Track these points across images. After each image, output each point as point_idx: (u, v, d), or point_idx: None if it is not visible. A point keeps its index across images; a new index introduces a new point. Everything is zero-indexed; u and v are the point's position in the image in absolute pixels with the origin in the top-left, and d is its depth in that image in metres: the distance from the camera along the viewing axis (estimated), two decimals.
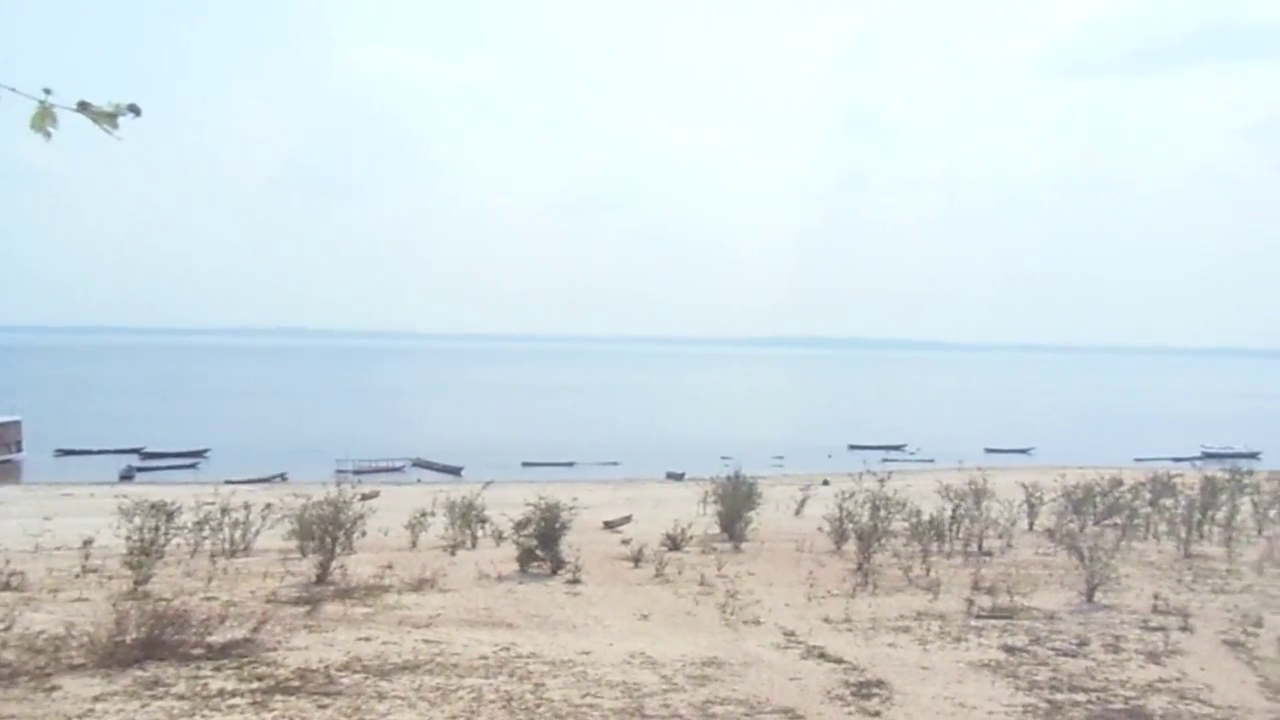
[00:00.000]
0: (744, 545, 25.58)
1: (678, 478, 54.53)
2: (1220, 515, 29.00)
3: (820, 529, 25.63)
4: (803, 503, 34.57)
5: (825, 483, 42.71)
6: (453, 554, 23.61)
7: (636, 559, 22.07)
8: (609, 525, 32.68)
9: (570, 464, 63.22)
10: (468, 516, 27.05)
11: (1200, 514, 28.38)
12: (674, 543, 24.74)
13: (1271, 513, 30.01)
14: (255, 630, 14.11)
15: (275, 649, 13.67)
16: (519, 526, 21.71)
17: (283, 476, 52.96)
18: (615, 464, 63.11)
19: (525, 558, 21.09)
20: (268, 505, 24.24)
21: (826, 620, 16.76)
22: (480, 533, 26.84)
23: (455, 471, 58.94)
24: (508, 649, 14.28)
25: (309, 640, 14.33)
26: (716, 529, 28.16)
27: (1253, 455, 63.18)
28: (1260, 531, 28.78)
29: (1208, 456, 64.16)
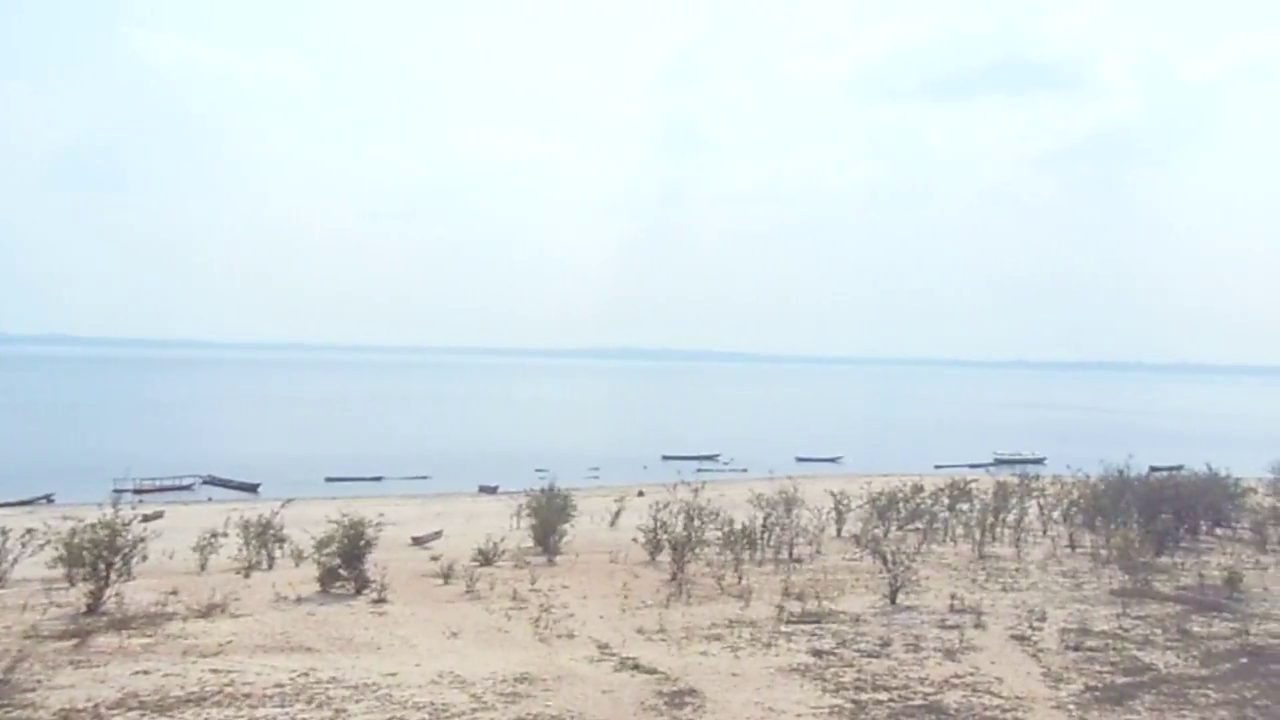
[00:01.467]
0: (558, 558, 25.58)
1: (491, 491, 53.94)
2: (1010, 518, 31.42)
3: (635, 540, 25.96)
4: (617, 514, 34.95)
5: (640, 494, 43.33)
6: (247, 576, 22.39)
7: (446, 575, 21.64)
8: (418, 541, 31.91)
9: (378, 479, 61.33)
10: (264, 536, 25.73)
11: (993, 517, 30.69)
12: (486, 558, 24.43)
13: (1055, 514, 32.72)
14: (9, 670, 12.87)
15: (34, 689, 12.53)
16: (320, 545, 20.85)
17: (49, 498, 48.65)
18: (425, 478, 61.73)
19: (327, 578, 20.27)
20: (29, 530, 22.17)
21: (640, 631, 16.97)
22: (278, 553, 25.59)
23: (251, 489, 56.09)
24: (306, 675, 13.66)
25: (76, 677, 13.21)
26: (530, 543, 28.02)
27: (1039, 461, 68.84)
28: (1045, 532, 31.36)
29: (1000, 463, 69.38)
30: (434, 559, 24.79)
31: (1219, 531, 31.92)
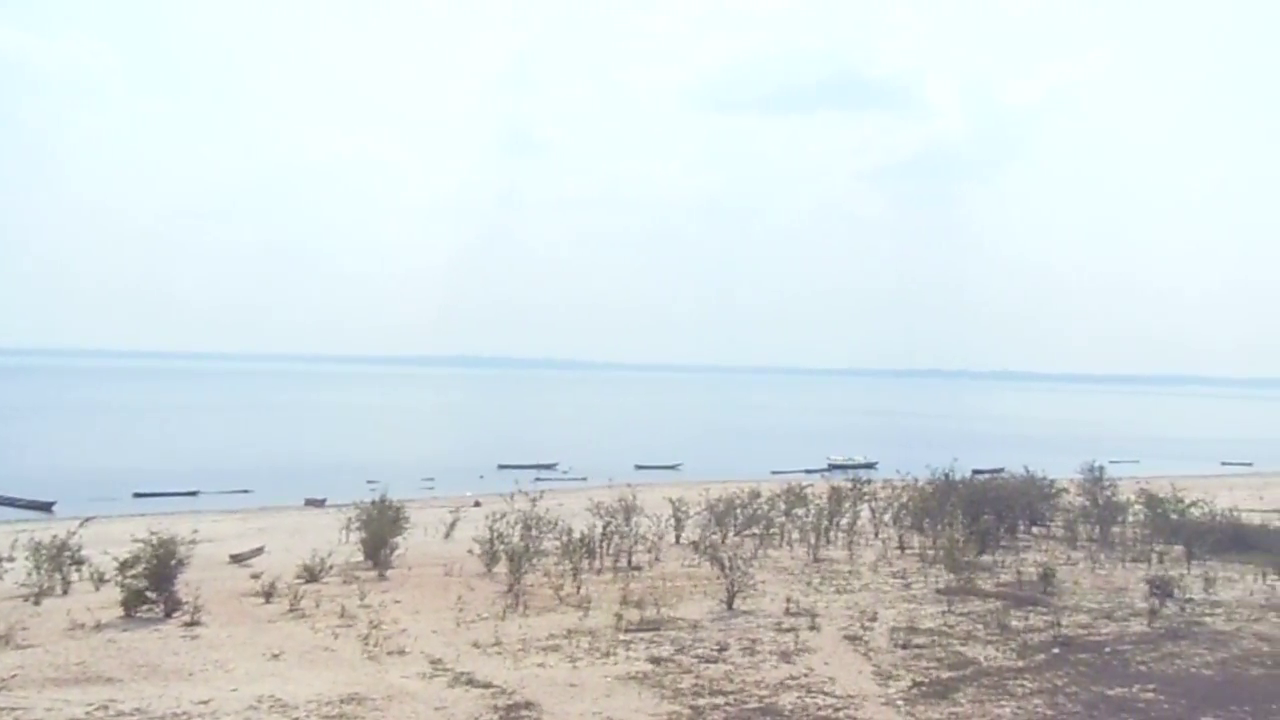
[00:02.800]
0: (390, 573, 24.88)
1: (318, 504, 51.96)
2: (844, 521, 32.69)
3: (471, 552, 25.59)
4: (452, 525, 34.29)
5: (477, 504, 42.75)
6: (37, 603, 20.77)
7: (268, 594, 20.71)
8: (236, 559, 30.37)
9: (193, 493, 58.11)
10: (58, 558, 23.86)
11: (827, 521, 31.87)
12: (312, 574, 23.51)
13: (886, 517, 34.25)
14: None
15: None
16: (125, 566, 19.58)
17: None
18: (247, 492, 58.92)
19: (133, 601, 19.05)
20: None
21: (475, 645, 16.73)
22: (75, 577, 23.80)
23: (45, 508, 52.03)
24: (105, 708, 12.79)
25: None
26: (360, 557, 27.17)
27: (871, 465, 71.95)
28: (876, 534, 32.78)
29: (834, 468, 72.07)
30: (255, 577, 23.62)
31: (1035, 530, 34.19)
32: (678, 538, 31.29)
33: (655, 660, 15.76)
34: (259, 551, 32.01)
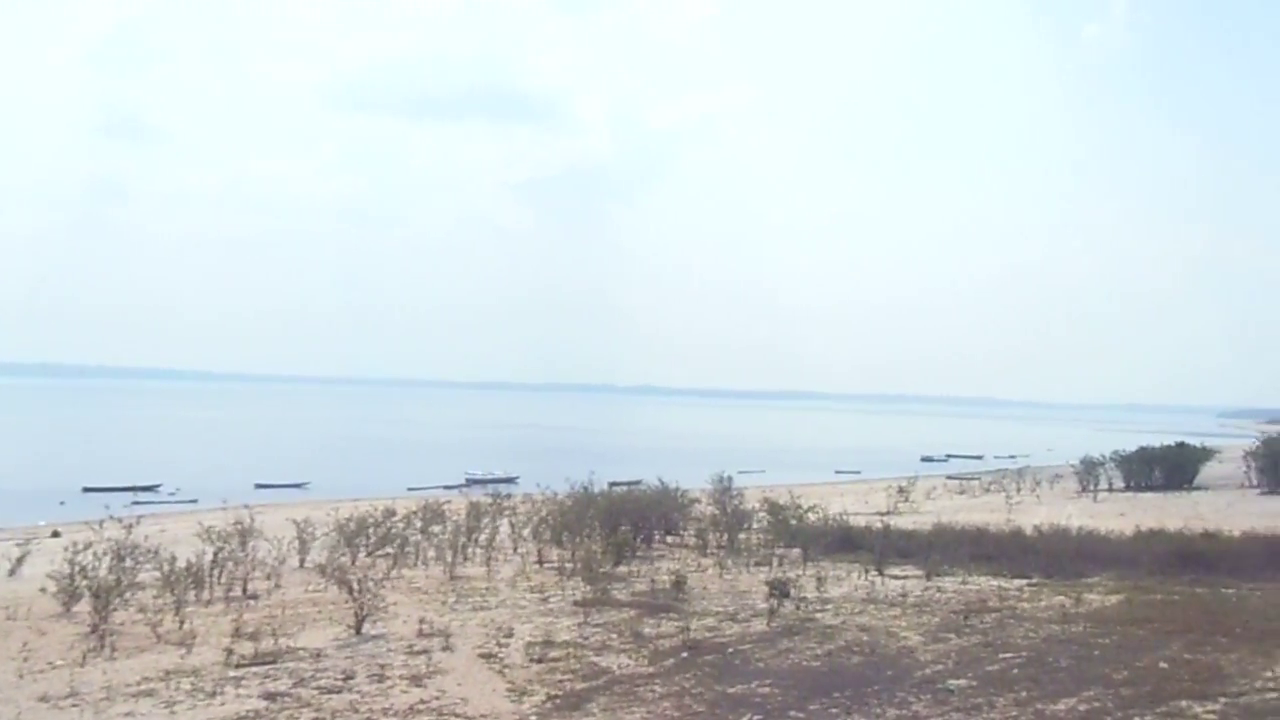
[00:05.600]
0: None
1: None
2: (483, 537, 32.93)
3: (44, 590, 22.86)
4: (20, 560, 30.41)
5: (55, 534, 38.34)
6: None
7: None
8: None
9: None
10: None
11: (465, 537, 31.96)
12: None
13: (525, 531, 34.91)
14: None
15: None
16: None
17: None
18: None
19: None
20: None
21: (44, 699, 14.95)
22: None
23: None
24: None
25: None
26: None
27: (511, 480, 73.23)
28: (515, 549, 33.32)
29: (473, 483, 72.59)
30: None
31: (670, 539, 36.41)
32: (302, 561, 29.97)
33: (270, 696, 14.94)
34: None
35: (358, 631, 19.45)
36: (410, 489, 65.92)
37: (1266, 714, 13.09)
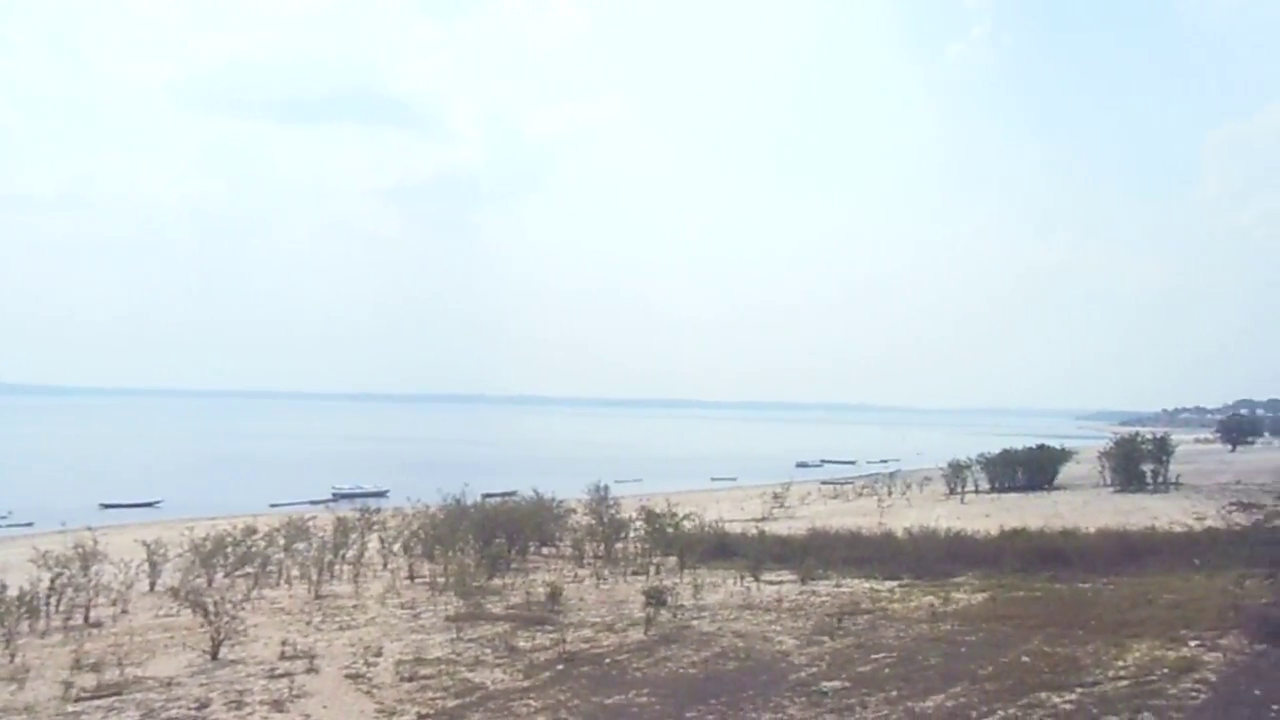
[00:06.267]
0: None
1: None
2: (351, 554, 32.19)
3: None
4: None
5: None
6: None
7: None
8: None
9: None
10: None
11: (332, 554, 31.19)
12: None
13: (396, 546, 34.27)
14: None
15: None
16: None
17: None
18: None
19: None
20: None
21: None
22: None
23: None
24: None
25: None
26: None
27: (381, 494, 71.80)
28: (386, 565, 32.67)
29: (340, 497, 70.91)
30: None
31: (546, 550, 36.27)
32: (152, 585, 28.74)
33: None
34: None
35: (214, 657, 18.72)
36: (273, 505, 64.07)
37: (1118, 702, 13.77)
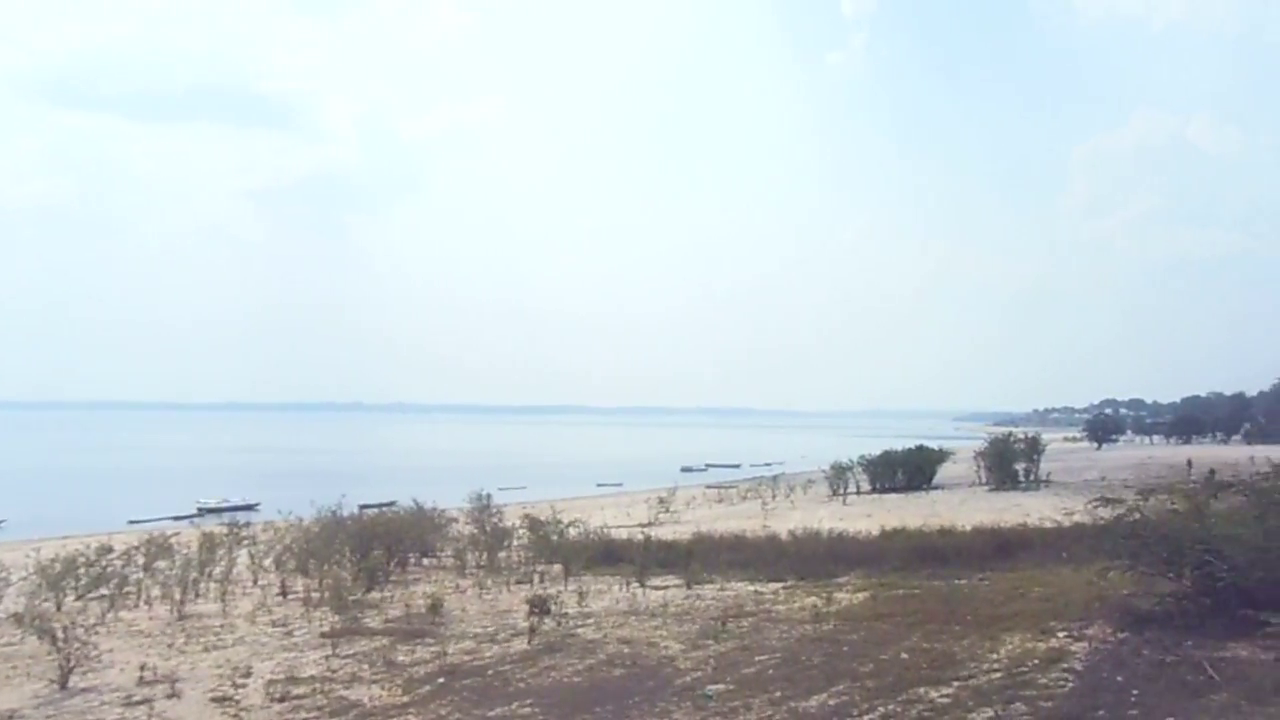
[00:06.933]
0: None
1: None
2: (218, 571, 31.15)
3: None
4: None
5: None
6: None
7: None
8: None
9: None
10: None
11: (198, 572, 30.11)
12: None
13: (267, 562, 33.32)
14: None
15: None
16: None
17: None
18: None
19: None
20: None
21: None
22: None
23: None
24: None
25: None
26: None
27: (251, 507, 69.81)
28: (256, 582, 31.71)
29: (206, 512, 68.67)
30: None
31: (426, 561, 35.77)
32: None
33: None
34: None
35: (63, 686, 17.84)
36: (132, 522, 61.66)
37: (992, 693, 14.29)
